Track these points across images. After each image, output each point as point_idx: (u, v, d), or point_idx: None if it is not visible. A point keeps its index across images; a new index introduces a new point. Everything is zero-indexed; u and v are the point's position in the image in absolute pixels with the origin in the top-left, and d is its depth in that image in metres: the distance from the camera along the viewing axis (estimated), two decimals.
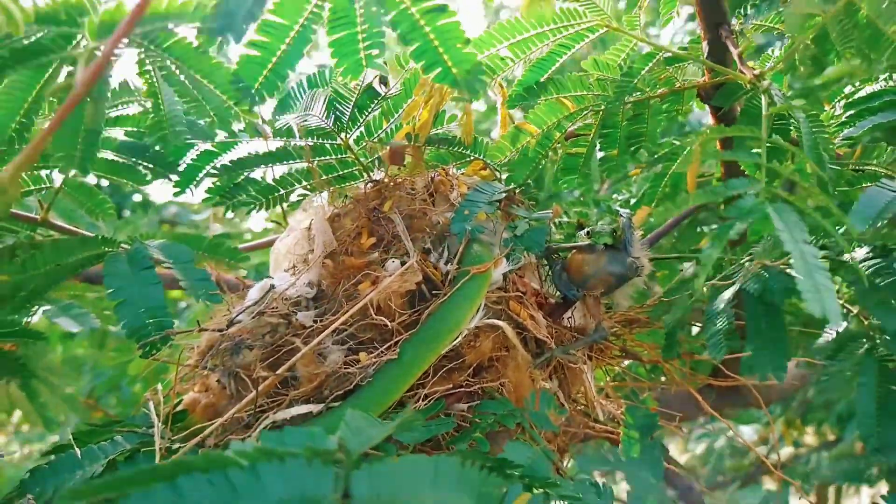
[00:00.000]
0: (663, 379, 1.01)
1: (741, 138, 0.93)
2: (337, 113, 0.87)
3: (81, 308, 0.99)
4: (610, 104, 0.83)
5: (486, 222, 0.87)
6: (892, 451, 0.94)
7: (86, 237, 0.79)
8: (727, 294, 0.76)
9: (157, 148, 0.86)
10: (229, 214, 1.15)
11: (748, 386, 1.06)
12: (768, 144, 0.62)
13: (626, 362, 1.04)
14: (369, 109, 0.88)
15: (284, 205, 1.00)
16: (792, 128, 0.88)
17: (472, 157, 0.96)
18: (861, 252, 0.81)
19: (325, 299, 0.83)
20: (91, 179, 1.09)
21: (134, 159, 0.93)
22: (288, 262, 0.93)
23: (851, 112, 1.01)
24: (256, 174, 0.99)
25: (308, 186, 0.96)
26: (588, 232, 0.91)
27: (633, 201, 1.26)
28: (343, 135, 0.90)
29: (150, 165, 0.97)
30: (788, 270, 0.81)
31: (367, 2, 0.59)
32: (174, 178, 0.96)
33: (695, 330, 1.14)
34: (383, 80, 0.83)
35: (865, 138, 0.95)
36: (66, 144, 0.74)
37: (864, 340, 0.98)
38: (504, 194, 0.89)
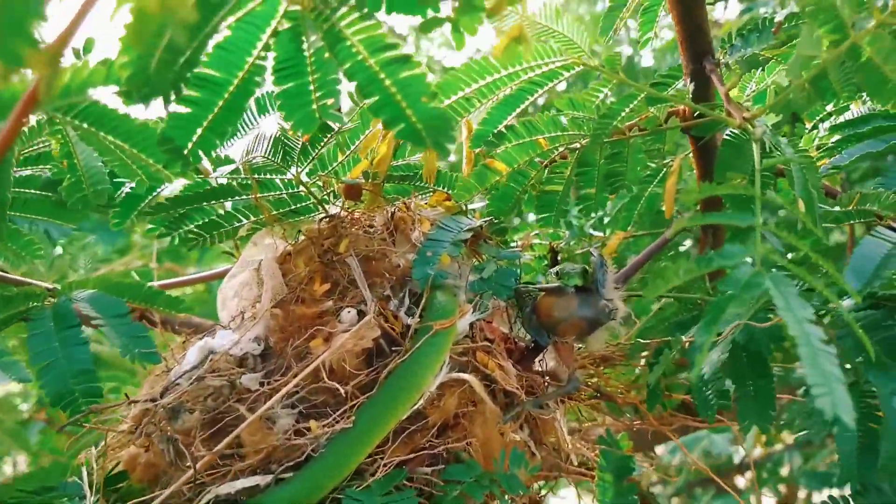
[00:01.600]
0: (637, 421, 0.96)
1: (721, 167, 0.87)
2: (286, 148, 0.79)
3: (11, 355, 0.90)
4: (587, 144, 0.76)
5: (450, 265, 0.80)
6: (874, 493, 0.90)
7: (8, 296, 0.70)
8: (716, 355, 0.71)
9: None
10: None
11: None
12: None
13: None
14: (322, 143, 0.80)
15: (235, 239, 0.92)
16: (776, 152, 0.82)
17: (435, 189, 0.88)
18: (849, 302, 0.76)
19: (273, 356, 0.76)
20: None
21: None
22: (235, 307, 0.85)
23: (838, 137, 0.95)
24: None
25: (257, 222, 0.88)
26: (557, 273, 0.84)
27: (606, 220, 1.20)
28: (294, 169, 0.82)
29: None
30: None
31: (318, 49, 0.51)
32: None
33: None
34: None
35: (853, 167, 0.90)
36: None
37: (849, 374, 0.93)
38: (471, 232, 0.82)
